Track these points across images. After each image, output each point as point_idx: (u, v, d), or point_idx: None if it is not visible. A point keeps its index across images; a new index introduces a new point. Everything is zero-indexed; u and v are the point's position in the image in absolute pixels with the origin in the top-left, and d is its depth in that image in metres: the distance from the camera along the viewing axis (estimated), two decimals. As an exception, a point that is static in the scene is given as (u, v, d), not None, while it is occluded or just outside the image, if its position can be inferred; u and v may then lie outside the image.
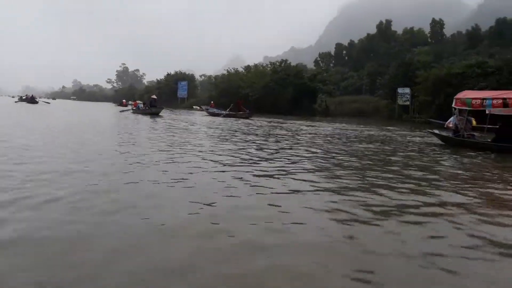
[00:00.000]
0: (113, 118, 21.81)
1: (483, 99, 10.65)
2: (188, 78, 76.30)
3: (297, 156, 8.02)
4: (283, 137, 12.77)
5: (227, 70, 62.65)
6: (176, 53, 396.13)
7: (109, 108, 44.56)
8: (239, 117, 28.44)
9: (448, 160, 8.65)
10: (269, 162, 6.98)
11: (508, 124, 10.62)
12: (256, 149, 8.87)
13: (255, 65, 62.04)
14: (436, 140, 12.87)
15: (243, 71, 61.53)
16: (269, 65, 55.38)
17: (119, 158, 6.69)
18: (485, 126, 11.28)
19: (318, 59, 78.65)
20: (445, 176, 6.32)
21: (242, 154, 8.04)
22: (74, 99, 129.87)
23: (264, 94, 47.64)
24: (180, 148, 8.51)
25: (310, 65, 72.82)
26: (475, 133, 11.71)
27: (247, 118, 28.30)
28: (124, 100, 60.64)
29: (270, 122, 23.90)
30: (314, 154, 8.50)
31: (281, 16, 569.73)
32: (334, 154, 8.57)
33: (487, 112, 10.66)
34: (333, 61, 76.63)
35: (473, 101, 10.84)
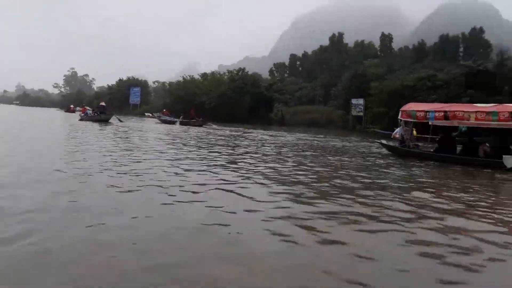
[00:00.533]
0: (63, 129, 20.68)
1: (427, 111, 11.43)
2: (141, 84, 74.60)
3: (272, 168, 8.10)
4: (249, 147, 12.84)
5: (183, 77, 62.01)
6: (130, 58, 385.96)
7: (54, 115, 42.26)
8: (192, 125, 28.97)
9: (392, 169, 9.12)
10: (249, 176, 7.02)
11: (448, 135, 11.44)
12: (230, 163, 8.79)
13: (212, 73, 62.02)
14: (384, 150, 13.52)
15: (200, 78, 61.22)
16: (226, 73, 55.56)
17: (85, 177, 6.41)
18: (428, 136, 12.09)
19: (273, 69, 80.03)
20: (389, 185, 6.70)
21: (215, 167, 7.99)
22: (17, 104, 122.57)
23: (221, 102, 47.71)
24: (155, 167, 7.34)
25: (265, 74, 74.17)
26: (419, 143, 12.49)
27: (200, 125, 28.93)
28: (71, 106, 58.20)
29: (231, 131, 23.87)
30: (288, 167, 8.66)
31: (236, 25, 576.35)
32: (298, 167, 8.77)
33: (430, 123, 11.43)
34: (287, 72, 78.27)
35: (418, 114, 11.59)
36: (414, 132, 12.81)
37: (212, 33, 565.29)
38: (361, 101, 40.15)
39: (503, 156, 9.63)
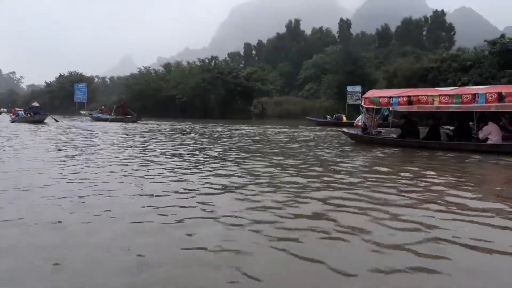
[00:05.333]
0: None
1: (390, 97, 12.13)
2: (86, 79, 71.24)
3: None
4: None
5: (139, 69, 59.09)
6: (62, 53, 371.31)
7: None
8: (126, 121, 30.20)
9: (355, 156, 9.46)
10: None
11: (411, 121, 11.95)
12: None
13: (177, 63, 59.67)
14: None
15: (163, 69, 58.86)
16: (197, 62, 53.10)
17: None
18: (389, 122, 12.55)
19: (228, 58, 79.93)
20: (354, 172, 7.02)
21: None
22: None
23: (194, 96, 46.63)
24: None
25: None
26: (382, 130, 12.96)
27: (134, 122, 30.09)
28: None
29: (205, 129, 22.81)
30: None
31: (172, 16, 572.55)
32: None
33: (391, 109, 11.84)
34: (243, 61, 78.25)
35: (381, 100, 12.38)
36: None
37: (148, 24, 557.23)
38: (358, 88, 38.40)
39: None
